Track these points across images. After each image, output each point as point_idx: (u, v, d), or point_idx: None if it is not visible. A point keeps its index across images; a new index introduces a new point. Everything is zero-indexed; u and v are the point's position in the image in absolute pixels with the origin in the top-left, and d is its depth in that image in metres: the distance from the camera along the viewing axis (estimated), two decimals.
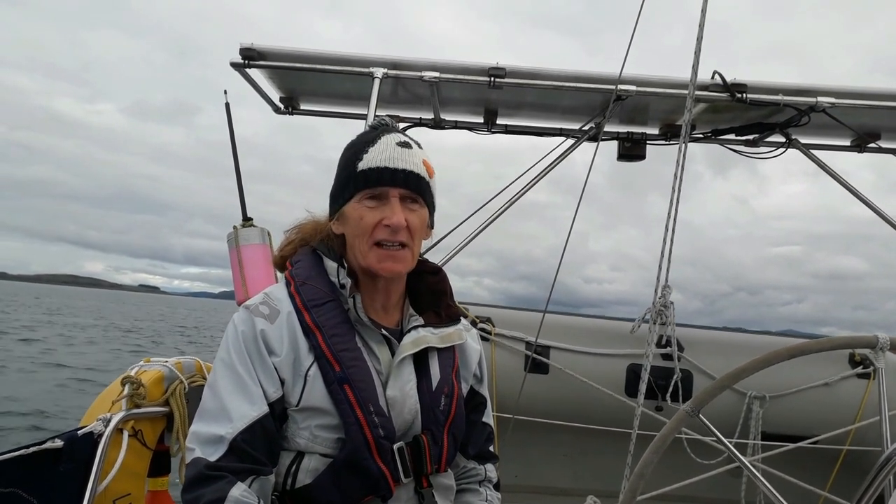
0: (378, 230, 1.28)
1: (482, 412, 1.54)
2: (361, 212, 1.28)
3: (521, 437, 3.38)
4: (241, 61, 2.87)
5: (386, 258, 1.29)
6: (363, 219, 1.28)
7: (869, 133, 3.38)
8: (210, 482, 1.13)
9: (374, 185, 1.28)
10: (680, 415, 1.16)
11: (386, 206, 1.28)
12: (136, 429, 2.21)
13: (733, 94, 2.93)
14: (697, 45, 2.56)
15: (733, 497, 3.45)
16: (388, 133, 1.35)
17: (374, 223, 1.27)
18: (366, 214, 1.28)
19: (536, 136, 3.49)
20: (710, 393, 1.18)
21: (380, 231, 1.28)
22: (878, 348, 1.30)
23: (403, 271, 1.33)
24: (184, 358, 2.53)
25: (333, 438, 1.25)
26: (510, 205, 3.22)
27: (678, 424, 1.17)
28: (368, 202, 1.29)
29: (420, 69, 2.89)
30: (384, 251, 1.28)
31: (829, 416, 3.36)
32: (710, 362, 3.37)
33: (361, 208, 1.29)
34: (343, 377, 1.23)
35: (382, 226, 1.27)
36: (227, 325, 1.31)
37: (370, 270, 1.30)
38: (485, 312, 3.48)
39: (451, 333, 1.40)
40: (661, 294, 2.94)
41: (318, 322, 1.27)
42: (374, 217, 1.28)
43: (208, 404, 1.23)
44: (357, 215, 1.29)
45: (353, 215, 1.30)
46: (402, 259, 1.31)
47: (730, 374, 1.17)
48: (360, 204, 1.29)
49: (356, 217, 1.29)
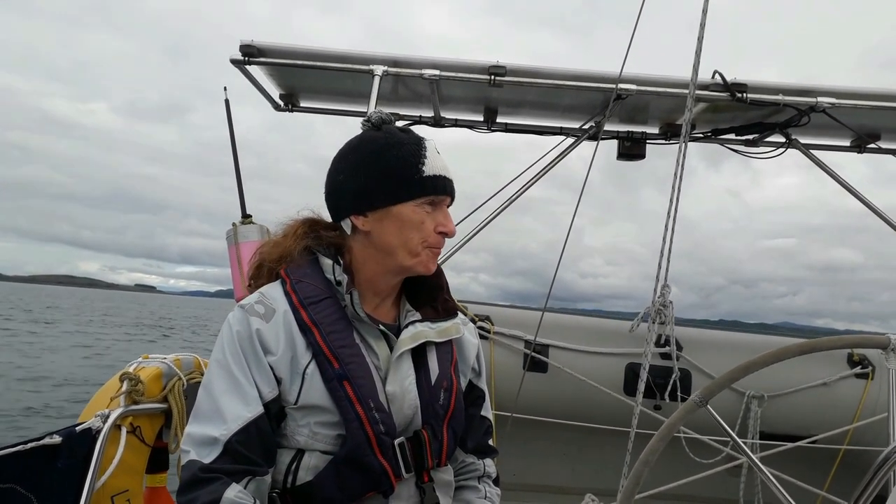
0: (435, 237, 1.35)
1: (481, 406, 1.54)
2: (422, 216, 1.33)
3: (519, 436, 3.38)
4: (242, 58, 2.86)
5: (432, 259, 1.37)
6: (424, 223, 1.33)
7: (869, 133, 3.39)
8: (205, 484, 1.13)
9: (439, 193, 1.34)
10: (688, 404, 1.16)
11: (439, 213, 1.35)
12: (135, 425, 2.21)
13: (733, 93, 2.93)
14: (698, 45, 2.56)
15: (731, 496, 3.46)
16: (426, 138, 1.40)
17: (432, 227, 1.34)
18: (426, 219, 1.33)
19: (536, 134, 3.49)
20: (720, 384, 1.18)
21: (436, 238, 1.35)
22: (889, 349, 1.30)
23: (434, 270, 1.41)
24: (182, 354, 2.53)
25: (333, 435, 1.25)
26: (510, 203, 3.22)
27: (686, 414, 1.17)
28: (427, 207, 1.33)
29: (420, 67, 2.88)
30: (432, 252, 1.37)
31: (828, 416, 3.37)
32: (709, 361, 3.37)
33: (421, 212, 1.33)
34: (342, 374, 1.23)
35: (437, 232, 1.34)
36: (223, 324, 1.30)
37: (415, 269, 1.35)
38: (484, 311, 3.48)
39: (449, 328, 1.41)
40: (660, 293, 2.94)
41: (316, 319, 1.27)
42: (432, 222, 1.34)
43: (203, 405, 1.22)
44: (418, 219, 1.32)
45: (413, 218, 1.32)
46: (436, 260, 1.41)
47: (740, 366, 1.17)
48: (420, 208, 1.33)
49: (416, 220, 1.32)
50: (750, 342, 3.66)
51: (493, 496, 1.49)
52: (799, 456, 3.31)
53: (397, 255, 1.33)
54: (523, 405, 3.23)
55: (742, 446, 1.17)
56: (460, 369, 1.46)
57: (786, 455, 3.21)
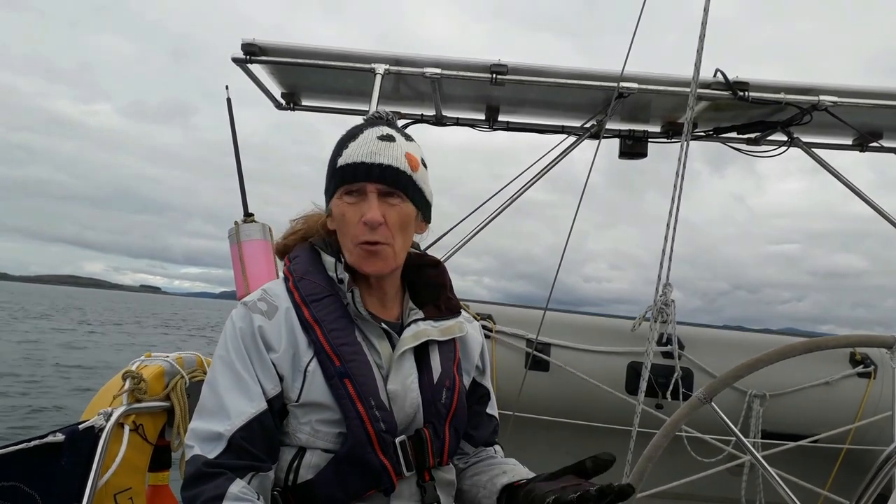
0: (359, 228, 1.26)
1: (486, 404, 1.54)
2: (343, 208, 1.28)
3: (521, 435, 3.38)
4: (243, 56, 2.87)
5: (368, 256, 1.27)
6: (345, 215, 1.28)
7: (871, 132, 3.38)
8: (209, 479, 1.14)
9: (350, 181, 1.27)
10: (693, 401, 1.16)
11: (364, 202, 1.27)
12: (137, 423, 2.22)
13: (735, 92, 2.93)
14: (700, 43, 2.56)
15: (733, 495, 3.46)
16: (373, 126, 1.33)
17: (356, 221, 1.26)
18: (346, 211, 1.27)
19: (538, 133, 3.49)
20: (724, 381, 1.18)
21: (360, 229, 1.26)
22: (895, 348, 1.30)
23: (386, 270, 1.31)
24: (185, 353, 2.53)
25: (335, 433, 1.25)
26: (510, 202, 3.23)
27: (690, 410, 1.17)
28: (348, 198, 1.28)
29: (422, 65, 2.88)
30: (365, 249, 1.27)
31: (830, 415, 3.37)
32: (711, 360, 3.37)
33: (342, 204, 1.28)
34: (343, 372, 1.23)
35: (362, 223, 1.26)
36: (226, 321, 1.31)
37: (356, 268, 1.30)
38: (486, 310, 3.48)
39: (452, 326, 1.40)
40: (661, 292, 2.94)
41: (318, 317, 1.27)
42: (355, 214, 1.26)
43: (207, 401, 1.23)
44: (339, 212, 1.29)
45: (337, 212, 1.30)
46: (384, 257, 1.28)
47: (746, 363, 1.17)
48: (340, 200, 1.29)
49: (339, 214, 1.29)
50: (752, 341, 3.66)
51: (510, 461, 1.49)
52: (801, 455, 3.31)
53: (345, 253, 1.31)
54: (525, 404, 3.23)
55: (746, 443, 1.17)
56: (463, 367, 1.45)
57: (788, 454, 3.21)
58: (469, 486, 1.44)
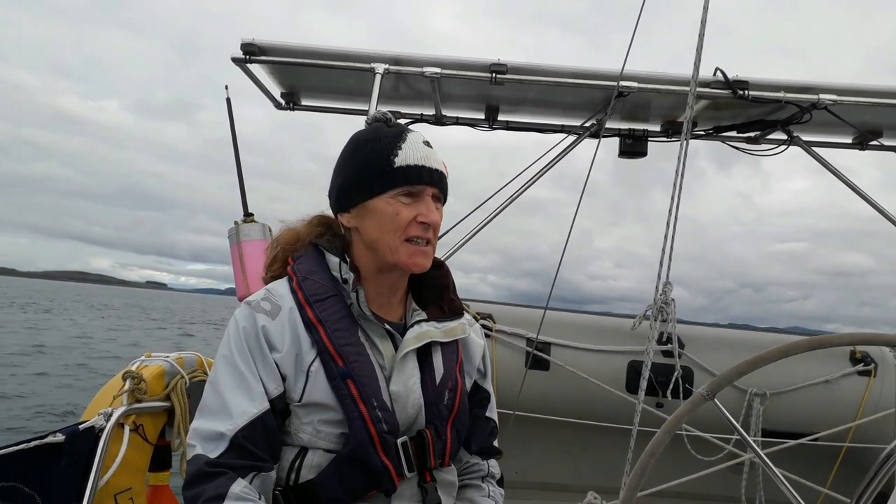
0: (412, 226, 1.30)
1: (486, 407, 1.54)
2: (398, 207, 1.29)
3: (521, 434, 3.38)
4: (243, 56, 2.86)
5: (417, 254, 1.31)
6: (399, 214, 1.29)
7: (871, 131, 3.38)
8: (211, 479, 1.14)
9: (413, 183, 1.30)
10: (695, 397, 1.16)
11: (420, 204, 1.30)
12: (138, 423, 2.22)
13: (735, 90, 2.93)
14: (699, 42, 2.55)
15: (733, 494, 3.46)
16: (410, 130, 1.37)
17: (410, 219, 1.29)
18: (402, 210, 1.29)
19: (538, 132, 3.49)
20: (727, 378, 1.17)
21: (413, 227, 1.30)
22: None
23: (428, 267, 1.35)
24: (185, 353, 2.53)
25: (337, 433, 1.25)
26: (511, 201, 3.22)
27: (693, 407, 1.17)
28: (404, 199, 1.30)
29: (421, 65, 2.88)
30: (416, 247, 1.31)
31: (830, 414, 3.37)
32: (711, 359, 3.37)
33: (397, 204, 1.29)
34: (346, 372, 1.23)
35: (417, 222, 1.29)
36: (229, 321, 1.31)
37: (399, 265, 1.31)
38: (486, 309, 3.48)
39: (455, 328, 1.40)
40: (661, 291, 2.94)
41: (321, 317, 1.27)
42: (410, 213, 1.29)
43: (209, 401, 1.23)
44: (392, 210, 1.29)
45: (388, 210, 1.30)
46: (428, 255, 1.34)
47: (749, 360, 1.16)
48: (394, 200, 1.29)
49: (391, 212, 1.29)
50: (752, 340, 3.66)
51: (496, 496, 1.49)
52: (801, 453, 3.31)
53: (380, 250, 1.32)
54: (525, 403, 3.23)
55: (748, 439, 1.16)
56: (465, 370, 1.45)
57: (788, 452, 3.21)
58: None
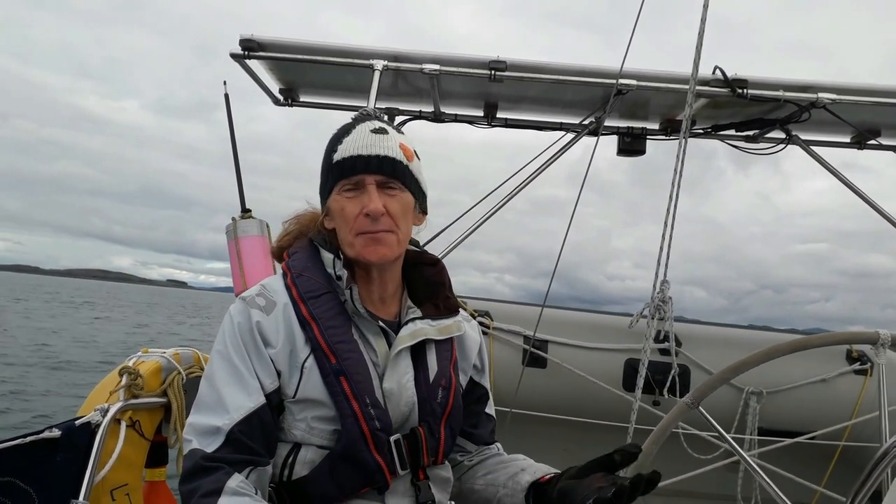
0: (359, 221, 1.27)
1: (485, 403, 1.55)
2: (342, 203, 1.28)
3: (518, 431, 3.38)
4: (241, 52, 2.86)
5: (370, 243, 1.27)
6: (344, 210, 1.28)
7: (869, 130, 3.38)
8: (207, 473, 1.14)
9: (349, 175, 1.27)
10: (680, 406, 1.17)
11: (364, 195, 1.27)
12: (134, 419, 2.21)
13: (734, 89, 2.93)
14: (699, 40, 2.55)
15: (730, 492, 3.47)
16: (364, 121, 1.34)
17: (356, 213, 1.27)
18: (346, 205, 1.28)
19: (536, 130, 3.49)
20: (710, 386, 1.18)
21: (360, 221, 1.27)
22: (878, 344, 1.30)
23: (391, 256, 1.31)
24: (182, 349, 2.53)
25: (330, 430, 1.25)
26: (509, 199, 3.22)
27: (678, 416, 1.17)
28: (347, 193, 1.28)
29: (420, 62, 2.87)
30: (368, 237, 1.27)
31: (826, 412, 3.37)
32: (708, 357, 3.37)
33: (342, 199, 1.28)
34: (339, 369, 1.23)
35: (363, 216, 1.26)
36: (224, 316, 1.31)
37: (359, 260, 1.29)
38: (483, 307, 3.48)
39: (450, 325, 1.40)
40: (658, 289, 2.94)
41: (315, 314, 1.27)
42: (355, 207, 1.27)
43: (205, 396, 1.23)
44: (338, 207, 1.29)
45: (335, 207, 1.30)
46: (387, 243, 1.28)
47: (730, 367, 1.17)
48: (339, 195, 1.29)
49: (338, 209, 1.29)
50: (749, 338, 3.67)
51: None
52: (797, 452, 3.31)
53: (343, 247, 1.31)
54: (522, 401, 3.23)
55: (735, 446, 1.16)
56: (461, 367, 1.46)
57: (784, 451, 3.22)
58: (483, 485, 1.43)
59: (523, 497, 1.32)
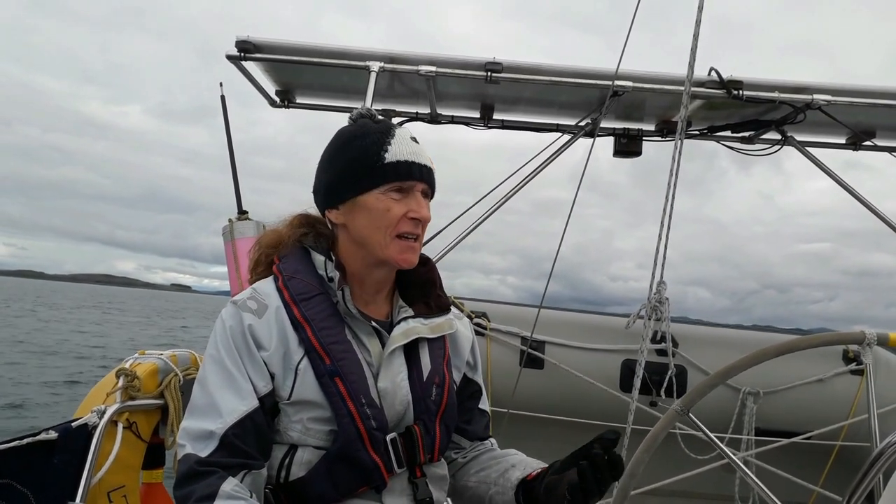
0: (403, 222, 1.29)
1: (479, 399, 1.55)
2: (387, 203, 1.29)
3: (515, 432, 3.39)
4: (237, 54, 2.85)
5: (407, 250, 1.31)
6: (390, 210, 1.29)
7: (864, 131, 3.39)
8: (201, 477, 1.14)
9: (404, 178, 1.29)
10: (670, 414, 1.17)
11: (411, 200, 1.30)
12: (131, 421, 2.21)
13: (729, 90, 2.94)
14: (694, 42, 2.56)
15: (727, 492, 3.47)
16: (397, 126, 1.37)
17: (400, 215, 1.29)
18: (393, 206, 1.29)
19: (533, 131, 3.49)
20: (700, 391, 1.18)
21: (404, 224, 1.29)
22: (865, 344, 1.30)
23: (416, 262, 1.35)
24: (179, 351, 2.53)
25: (326, 431, 1.25)
26: (505, 200, 3.23)
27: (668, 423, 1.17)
28: (395, 194, 1.29)
29: (416, 63, 2.88)
30: (405, 243, 1.30)
31: (823, 412, 3.38)
32: (705, 358, 3.38)
33: (387, 200, 1.29)
34: (334, 370, 1.23)
35: (408, 219, 1.29)
36: (216, 320, 1.31)
37: (389, 261, 1.31)
38: (480, 308, 3.48)
39: (442, 323, 1.40)
40: (655, 290, 2.95)
41: (307, 316, 1.27)
42: (401, 209, 1.29)
43: (198, 400, 1.23)
44: (383, 206, 1.29)
45: (378, 206, 1.29)
46: (417, 251, 1.34)
47: (719, 372, 1.17)
48: (385, 195, 1.29)
49: (381, 208, 1.29)
50: (746, 339, 3.67)
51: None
52: (794, 452, 3.32)
53: (370, 246, 1.31)
54: (519, 402, 3.23)
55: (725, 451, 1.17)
56: (454, 364, 1.46)
57: (781, 451, 3.23)
58: (476, 482, 1.44)
59: (513, 494, 1.34)
